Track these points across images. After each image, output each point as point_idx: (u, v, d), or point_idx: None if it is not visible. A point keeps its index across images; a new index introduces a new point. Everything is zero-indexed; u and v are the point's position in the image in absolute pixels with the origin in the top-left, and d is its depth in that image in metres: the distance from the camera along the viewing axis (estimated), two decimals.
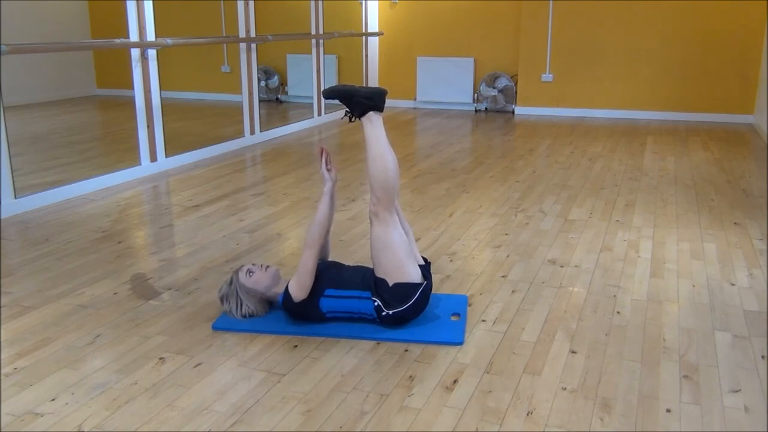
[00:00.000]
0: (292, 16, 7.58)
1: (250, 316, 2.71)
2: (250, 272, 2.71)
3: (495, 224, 3.98)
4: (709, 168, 5.43)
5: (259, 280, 2.70)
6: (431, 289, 2.69)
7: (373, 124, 2.65)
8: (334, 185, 2.74)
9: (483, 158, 5.83)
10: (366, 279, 2.65)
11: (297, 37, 7.49)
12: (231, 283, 2.72)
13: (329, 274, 2.69)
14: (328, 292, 2.63)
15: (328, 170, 2.75)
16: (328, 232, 2.78)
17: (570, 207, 4.32)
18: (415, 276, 2.59)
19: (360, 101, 2.64)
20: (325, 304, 2.62)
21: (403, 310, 2.57)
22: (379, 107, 2.66)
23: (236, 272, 2.74)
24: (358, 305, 2.61)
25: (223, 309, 2.73)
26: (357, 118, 2.69)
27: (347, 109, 2.69)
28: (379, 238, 2.58)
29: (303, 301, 2.61)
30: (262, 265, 2.75)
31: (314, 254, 2.59)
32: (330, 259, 2.97)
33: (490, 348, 2.50)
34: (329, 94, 2.69)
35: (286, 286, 2.64)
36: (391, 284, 2.57)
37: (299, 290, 2.59)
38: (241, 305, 2.68)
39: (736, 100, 7.71)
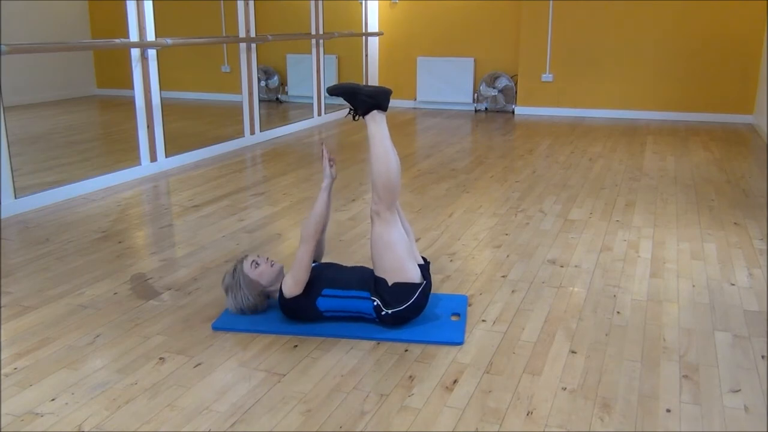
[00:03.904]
0: (292, 16, 7.58)
1: (252, 310, 2.70)
2: (255, 264, 2.70)
3: (495, 224, 3.98)
4: (709, 168, 5.43)
5: (263, 274, 2.69)
6: (431, 289, 2.69)
7: (377, 123, 2.64)
8: (332, 182, 2.73)
9: (483, 158, 5.83)
10: (365, 279, 2.64)
11: (297, 37, 7.49)
12: (234, 273, 2.70)
13: (327, 275, 2.68)
14: (326, 291, 2.62)
15: (330, 166, 2.74)
16: (324, 229, 2.77)
17: (570, 207, 4.32)
18: (414, 276, 2.59)
19: (364, 100, 2.64)
20: (323, 303, 2.62)
21: (403, 310, 2.56)
22: (382, 106, 2.65)
23: (240, 262, 2.72)
24: (356, 305, 2.61)
25: (227, 302, 2.72)
26: (361, 117, 2.69)
27: (351, 107, 2.69)
28: (381, 237, 2.58)
29: (298, 299, 2.60)
30: (268, 259, 2.73)
31: (310, 249, 2.58)
32: (325, 260, 2.96)
33: (490, 348, 2.50)
34: (333, 91, 2.69)
35: (280, 288, 2.64)
36: (390, 284, 2.57)
37: (294, 285, 2.58)
38: (247, 298, 2.67)
39: (736, 100, 7.71)
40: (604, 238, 3.72)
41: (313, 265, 2.75)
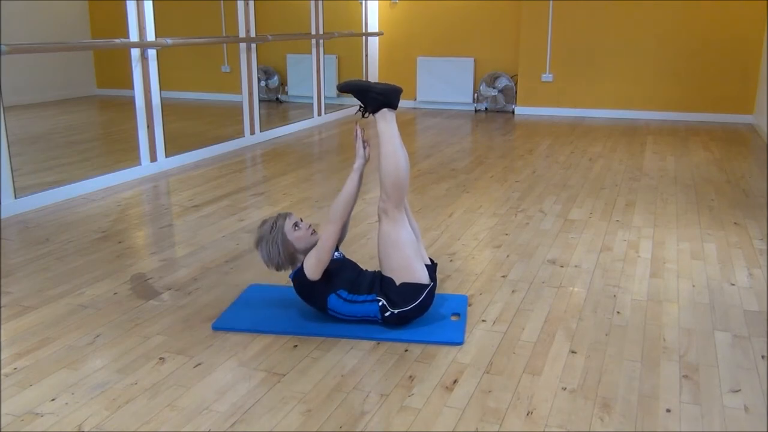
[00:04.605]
0: (292, 16, 7.58)
1: (276, 267, 2.64)
2: (297, 226, 2.63)
3: (495, 224, 3.98)
4: (709, 168, 5.43)
5: (301, 239, 2.62)
6: (435, 290, 2.68)
7: (387, 121, 2.64)
8: (365, 163, 2.69)
9: (483, 158, 5.83)
10: (371, 280, 2.63)
11: (297, 37, 7.49)
12: (273, 227, 2.62)
13: (346, 275, 2.64)
14: (341, 292, 2.60)
15: (364, 147, 2.71)
16: (350, 211, 2.71)
17: (570, 207, 4.32)
18: (422, 276, 2.58)
19: (375, 97, 2.63)
20: (333, 302, 2.60)
21: (408, 310, 2.55)
22: (393, 104, 2.65)
23: (282, 217, 2.64)
24: (363, 309, 2.59)
25: (260, 254, 2.66)
26: (371, 114, 2.68)
27: (361, 104, 2.68)
28: (388, 236, 2.57)
29: (315, 284, 2.57)
30: (309, 226, 2.67)
31: (336, 231, 2.54)
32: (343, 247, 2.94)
33: (490, 348, 2.50)
34: (344, 87, 2.68)
35: (302, 262, 2.60)
36: (398, 283, 2.56)
37: (317, 265, 2.54)
38: (278, 254, 2.60)
39: (736, 100, 7.71)
40: (604, 238, 3.72)
41: (338, 257, 2.72)
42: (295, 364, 2.39)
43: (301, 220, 2.67)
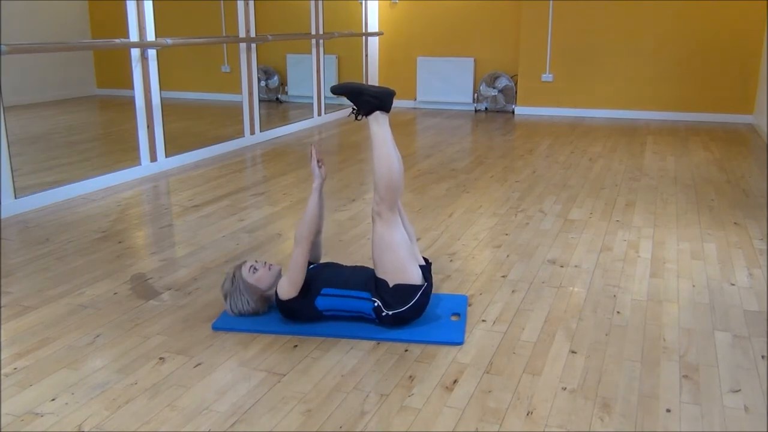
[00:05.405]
0: (292, 16, 7.58)
1: (252, 314, 2.70)
2: (253, 269, 2.69)
3: (495, 224, 3.98)
4: (709, 168, 5.43)
5: (261, 279, 2.69)
6: (431, 290, 2.68)
7: (380, 123, 2.64)
8: (322, 182, 2.73)
9: (483, 158, 5.83)
10: (366, 279, 2.64)
11: (297, 37, 7.49)
12: (233, 279, 2.69)
13: (326, 275, 2.68)
14: (325, 291, 2.62)
15: (319, 167, 2.75)
16: (319, 231, 2.78)
17: (570, 207, 4.32)
18: (416, 277, 2.58)
19: (368, 100, 2.64)
20: (322, 303, 2.61)
21: (403, 311, 2.56)
22: (386, 107, 2.65)
23: (238, 267, 2.72)
24: (356, 305, 2.61)
25: (226, 307, 2.72)
26: (363, 117, 2.69)
27: (354, 107, 2.69)
28: (382, 238, 2.58)
29: (296, 300, 2.60)
30: (266, 263, 2.74)
31: (304, 251, 2.58)
32: (324, 260, 2.96)
33: (490, 348, 2.50)
34: (337, 90, 2.68)
35: (277, 286, 2.64)
36: (391, 285, 2.56)
37: (290, 287, 2.58)
38: (247, 303, 2.67)
39: (736, 100, 7.71)
40: (604, 238, 3.72)
41: (312, 266, 2.75)
42: (295, 364, 2.39)
43: (256, 261, 2.73)
